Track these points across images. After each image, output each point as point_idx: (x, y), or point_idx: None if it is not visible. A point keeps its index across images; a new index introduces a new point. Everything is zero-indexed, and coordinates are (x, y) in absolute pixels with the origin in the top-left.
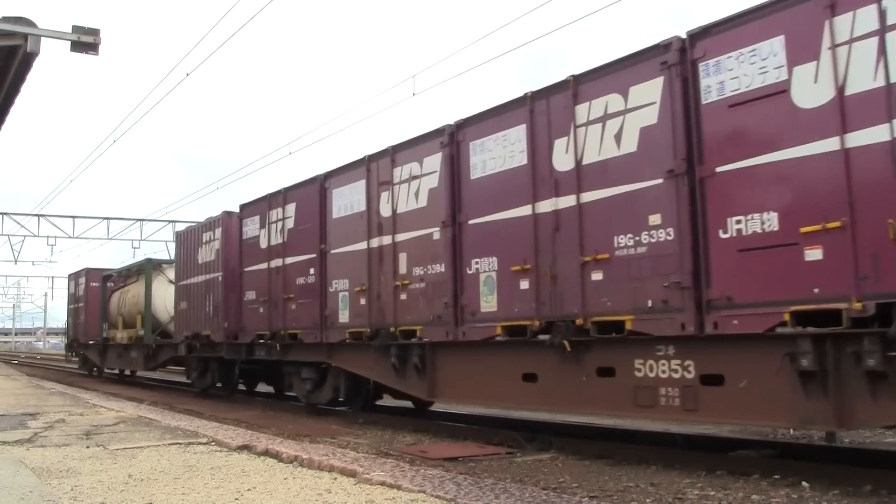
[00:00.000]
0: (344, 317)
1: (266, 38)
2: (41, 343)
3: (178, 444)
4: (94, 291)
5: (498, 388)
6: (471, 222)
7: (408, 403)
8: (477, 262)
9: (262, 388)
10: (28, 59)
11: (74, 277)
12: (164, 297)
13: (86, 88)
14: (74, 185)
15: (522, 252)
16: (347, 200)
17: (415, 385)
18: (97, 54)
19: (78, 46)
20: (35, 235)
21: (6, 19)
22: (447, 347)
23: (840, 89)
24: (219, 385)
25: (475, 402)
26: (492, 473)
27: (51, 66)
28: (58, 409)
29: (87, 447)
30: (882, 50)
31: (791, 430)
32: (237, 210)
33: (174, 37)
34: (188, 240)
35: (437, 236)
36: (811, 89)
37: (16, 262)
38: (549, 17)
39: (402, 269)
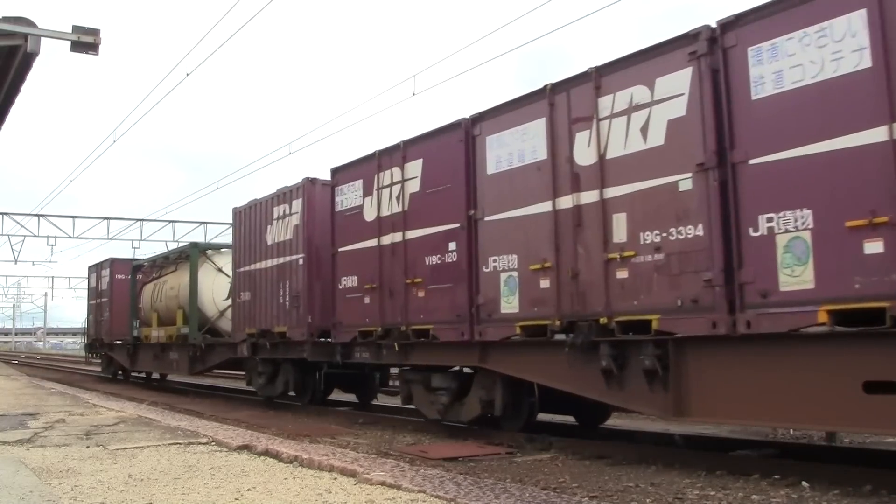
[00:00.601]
0: (510, 305)
1: (266, 37)
2: (41, 343)
3: (178, 444)
4: (120, 284)
5: (811, 401)
6: (755, 161)
7: (568, 418)
8: (769, 219)
9: (328, 395)
10: (28, 59)
11: (96, 269)
12: (211, 289)
13: (86, 88)
14: (74, 185)
15: (869, 198)
16: (512, 149)
17: (644, 398)
18: (97, 54)
19: (78, 46)
20: (35, 235)
21: (6, 19)
22: (709, 345)
23: None
24: (291, 394)
25: (764, 421)
26: (492, 473)
27: (51, 65)
28: (58, 409)
29: (88, 447)
30: None
31: (791, 430)
32: (310, 177)
33: (174, 37)
34: (252, 217)
35: (686, 186)
36: None
37: (16, 262)
38: (550, 16)
39: (620, 237)
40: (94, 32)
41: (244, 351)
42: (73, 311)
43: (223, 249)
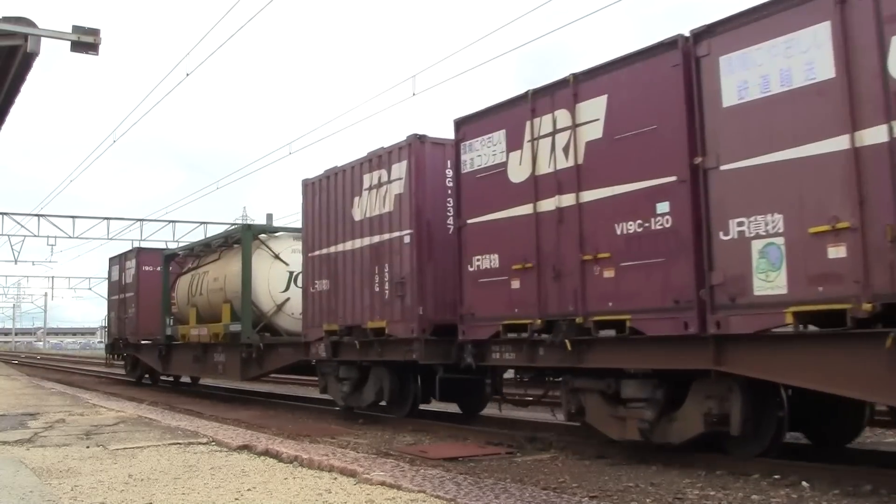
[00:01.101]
0: (770, 284)
1: (267, 37)
2: (41, 343)
3: (178, 444)
4: (149, 277)
5: None
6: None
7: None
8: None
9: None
10: (28, 59)
11: (119, 261)
12: (266, 279)
13: (86, 88)
14: (74, 185)
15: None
16: (769, 69)
17: None
18: (97, 54)
19: (78, 46)
20: (35, 235)
21: (6, 19)
22: None
23: None
24: (382, 404)
25: None
26: (492, 473)
27: (51, 65)
28: (58, 409)
29: (88, 447)
30: None
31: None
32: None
33: (174, 37)
34: (330, 189)
35: None
36: None
37: (16, 262)
38: (550, 15)
39: None
40: (94, 32)
41: (321, 352)
42: (73, 311)
43: (279, 233)
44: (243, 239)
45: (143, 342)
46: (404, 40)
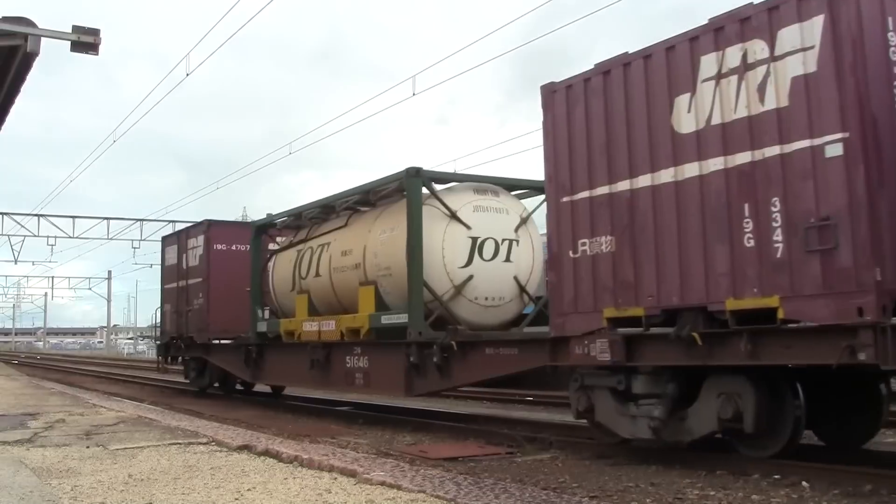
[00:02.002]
0: None
1: (267, 37)
2: (41, 343)
3: (178, 444)
4: (224, 258)
5: None
6: None
7: None
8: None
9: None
10: (28, 59)
11: (178, 239)
12: (439, 248)
13: (86, 88)
14: (74, 185)
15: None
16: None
17: None
18: (97, 54)
19: (78, 46)
20: (35, 235)
21: (6, 19)
22: None
23: None
24: (719, 436)
25: None
26: (492, 473)
27: (52, 65)
28: (58, 409)
29: (88, 447)
30: None
31: None
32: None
33: (174, 37)
34: (612, 91)
35: None
36: None
37: (16, 262)
38: (550, 16)
39: None
40: (94, 32)
41: (600, 354)
42: (73, 311)
43: (453, 184)
44: (409, 189)
45: (214, 341)
46: (404, 40)
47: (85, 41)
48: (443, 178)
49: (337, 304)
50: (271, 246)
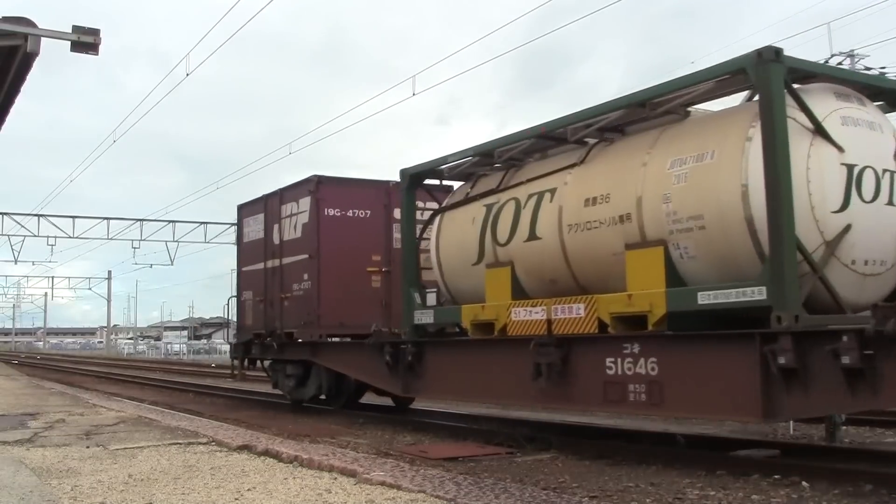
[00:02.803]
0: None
1: (267, 36)
2: (41, 343)
3: (178, 444)
4: (339, 227)
5: None
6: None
7: None
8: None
9: None
10: (28, 59)
11: (266, 205)
12: (803, 183)
13: (87, 88)
14: (74, 185)
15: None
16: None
17: None
18: (97, 54)
19: (78, 46)
20: (35, 235)
21: (6, 19)
22: None
23: None
24: None
25: None
26: (492, 473)
27: (53, 65)
28: (58, 409)
29: (87, 447)
30: None
31: (791, 430)
32: None
33: (174, 37)
34: None
35: None
36: None
37: (16, 262)
38: (550, 15)
39: None
40: (94, 32)
41: None
42: (73, 311)
43: (811, 86)
44: (765, 82)
45: (322, 339)
46: (404, 40)
47: (85, 41)
48: (808, 69)
49: (568, 278)
50: (427, 205)
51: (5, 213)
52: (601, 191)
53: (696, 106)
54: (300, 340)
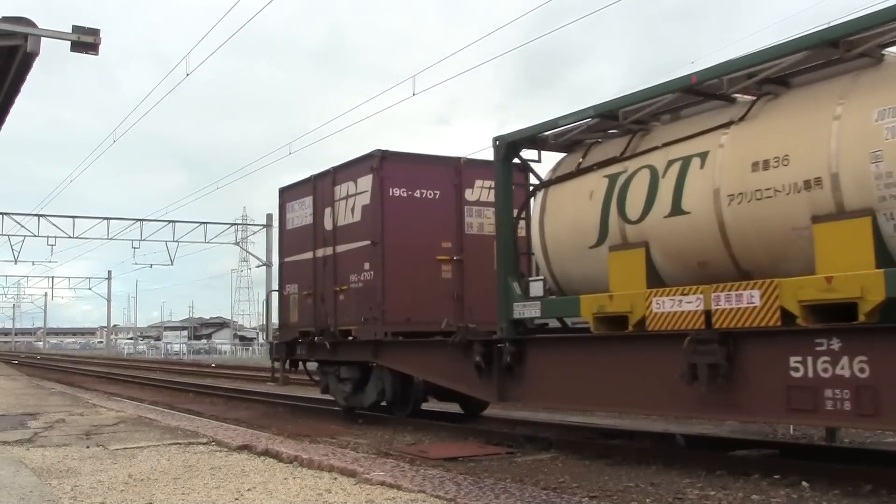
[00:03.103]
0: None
1: (267, 36)
2: (41, 343)
3: (178, 444)
4: (406, 210)
5: None
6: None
7: None
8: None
9: None
10: (28, 59)
11: (314, 187)
12: None
13: (88, 88)
14: (74, 185)
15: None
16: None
17: None
18: (97, 54)
19: (78, 46)
20: (35, 235)
21: (6, 19)
22: None
23: None
24: None
25: None
26: (492, 473)
27: (53, 65)
28: (58, 409)
29: (87, 447)
30: None
31: (791, 430)
32: None
33: (174, 37)
34: None
35: None
36: None
37: (16, 262)
38: (551, 15)
39: None
40: (94, 32)
41: None
42: (73, 311)
43: None
44: None
45: (388, 337)
46: (404, 40)
47: (85, 41)
48: None
49: (724, 260)
50: (519, 182)
51: (5, 213)
52: (776, 152)
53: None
54: (359, 339)
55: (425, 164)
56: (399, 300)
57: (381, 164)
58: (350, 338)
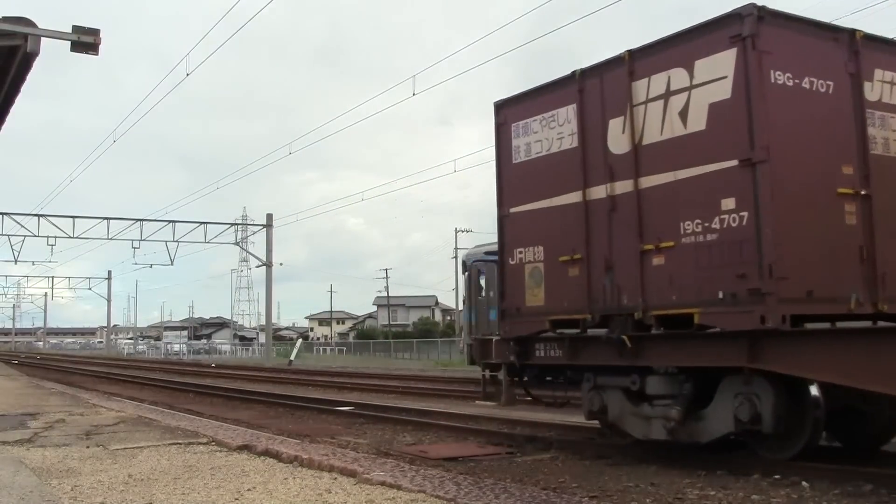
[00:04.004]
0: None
1: (267, 36)
2: (41, 343)
3: (178, 444)
4: (792, 106)
5: None
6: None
7: None
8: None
9: None
10: (28, 59)
11: (582, 88)
12: None
13: (88, 88)
14: (74, 185)
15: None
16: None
17: None
18: (97, 54)
19: (78, 46)
20: (35, 235)
21: (6, 19)
22: None
23: None
24: None
25: None
26: (492, 473)
27: (54, 65)
28: (58, 409)
29: (88, 447)
30: None
31: None
32: None
33: (174, 37)
34: None
35: None
36: None
37: (16, 262)
38: (552, 14)
39: None
40: (94, 32)
41: None
42: (73, 311)
43: None
44: None
45: (775, 324)
46: (404, 40)
47: (85, 41)
48: None
49: None
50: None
51: (5, 213)
52: None
53: None
54: (712, 329)
55: (811, 37)
56: (799, 261)
57: (759, 27)
58: (665, 330)
